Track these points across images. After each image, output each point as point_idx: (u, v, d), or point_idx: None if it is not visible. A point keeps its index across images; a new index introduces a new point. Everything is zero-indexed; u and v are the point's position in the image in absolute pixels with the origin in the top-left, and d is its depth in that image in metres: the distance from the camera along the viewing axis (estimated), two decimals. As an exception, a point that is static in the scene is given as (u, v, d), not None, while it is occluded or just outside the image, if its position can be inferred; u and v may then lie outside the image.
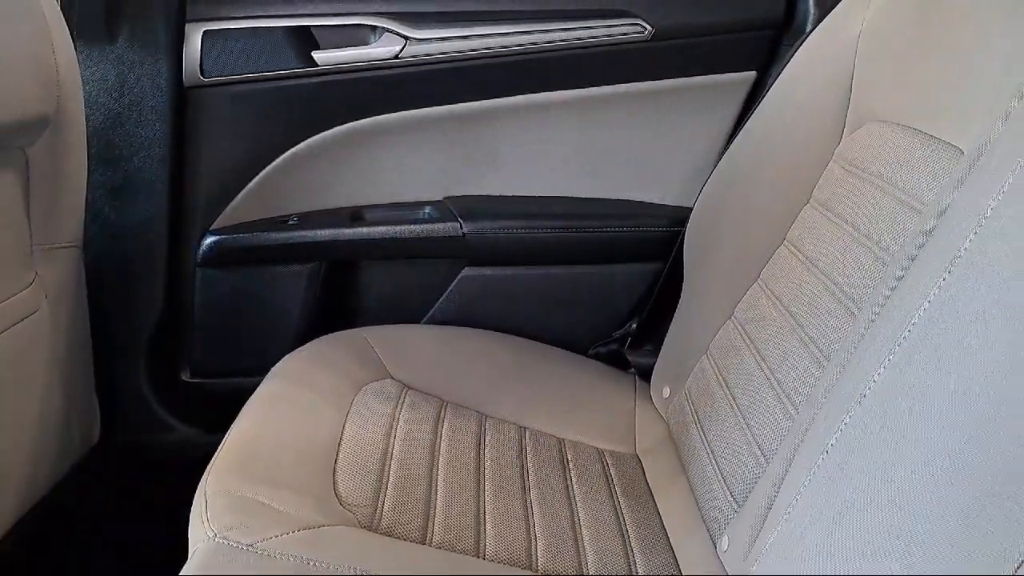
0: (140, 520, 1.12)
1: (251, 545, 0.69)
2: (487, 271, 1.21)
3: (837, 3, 1.02)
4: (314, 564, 0.68)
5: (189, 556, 0.70)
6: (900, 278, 0.64)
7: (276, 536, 0.71)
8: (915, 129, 0.80)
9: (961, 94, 0.74)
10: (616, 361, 1.23)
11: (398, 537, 0.78)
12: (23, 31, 0.86)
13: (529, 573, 0.78)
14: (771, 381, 0.83)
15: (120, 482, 1.18)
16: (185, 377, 1.24)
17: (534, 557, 0.80)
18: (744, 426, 0.85)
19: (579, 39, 1.12)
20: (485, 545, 0.80)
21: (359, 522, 0.78)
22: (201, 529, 0.71)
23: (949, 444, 0.51)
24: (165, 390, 1.22)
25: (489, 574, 0.75)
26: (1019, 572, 0.46)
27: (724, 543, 0.79)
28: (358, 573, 0.68)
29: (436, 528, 0.80)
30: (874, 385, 0.60)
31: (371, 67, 1.12)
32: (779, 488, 0.69)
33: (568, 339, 1.23)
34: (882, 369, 0.60)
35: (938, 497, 0.50)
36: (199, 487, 0.77)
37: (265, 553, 0.69)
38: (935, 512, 0.50)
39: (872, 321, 0.65)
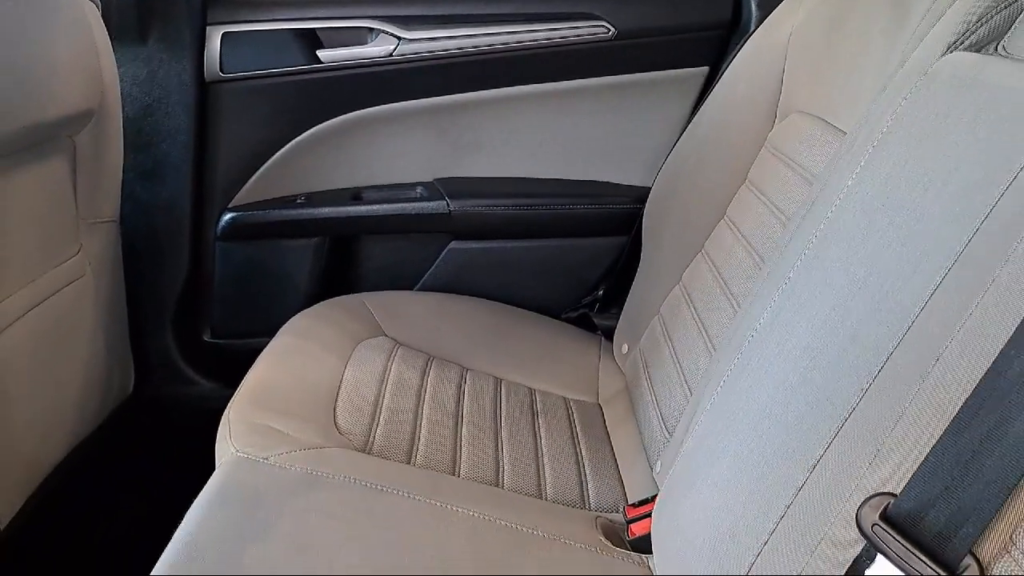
0: (166, 459, 1.28)
1: (266, 459, 0.85)
2: (471, 244, 1.37)
3: (777, 6, 1.16)
4: (316, 474, 0.84)
5: (216, 468, 0.86)
6: (789, 240, 0.79)
7: (285, 452, 0.87)
8: (821, 119, 0.95)
9: (851, 88, 0.89)
10: (585, 324, 1.39)
11: (387, 459, 0.94)
12: (73, 39, 1.02)
13: (496, 488, 0.94)
14: (700, 330, 0.99)
15: (149, 427, 1.35)
16: (206, 337, 1.40)
17: (501, 477, 0.96)
18: (678, 369, 1.00)
19: (551, 39, 1.27)
20: (460, 466, 0.96)
21: (354, 446, 0.94)
22: (225, 447, 0.88)
23: (795, 368, 0.66)
24: (189, 349, 1.38)
25: (462, 488, 0.91)
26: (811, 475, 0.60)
27: (657, 467, 0.95)
28: (351, 482, 0.84)
29: (419, 453, 0.96)
30: (758, 327, 0.75)
31: (369, 64, 1.27)
32: (694, 416, 0.84)
33: (543, 304, 1.39)
34: (766, 313, 0.75)
35: (778, 408, 0.65)
36: (223, 416, 0.93)
37: (277, 465, 0.85)
38: (777, 418, 0.65)
39: (767, 275, 0.80)
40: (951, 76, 0.65)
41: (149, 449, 1.34)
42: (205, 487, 0.82)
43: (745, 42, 1.19)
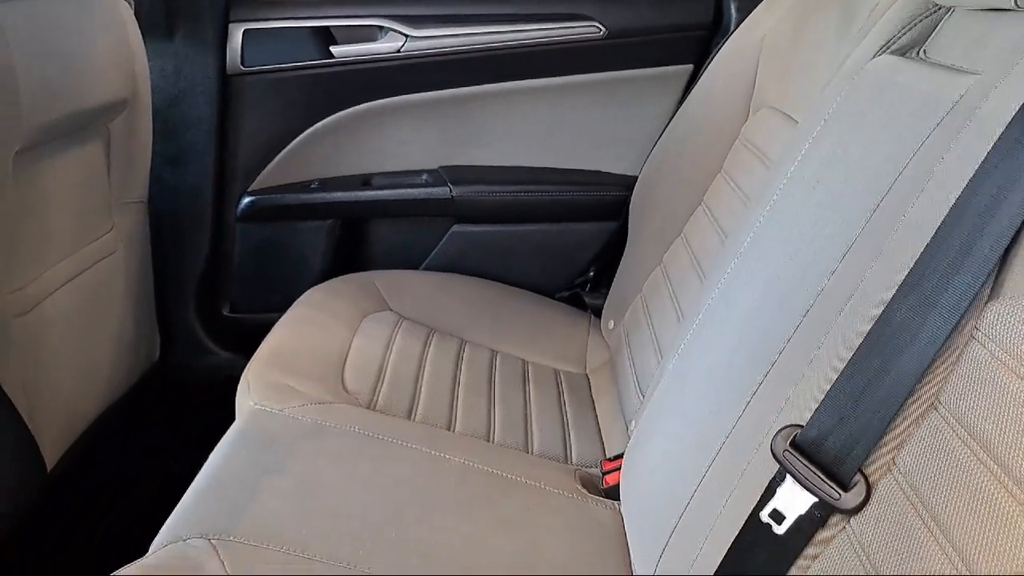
0: (188, 420, 1.39)
1: (280, 410, 0.96)
2: (472, 227, 1.48)
3: (754, 8, 1.25)
4: (324, 424, 0.95)
5: (236, 419, 0.97)
6: (745, 219, 0.89)
7: (298, 406, 0.98)
8: (784, 112, 1.04)
9: (807, 84, 0.98)
10: (576, 302, 1.49)
11: (389, 415, 1.04)
12: (109, 36, 1.13)
13: (487, 442, 1.04)
14: (674, 305, 1.09)
15: (173, 392, 1.46)
16: (225, 311, 1.51)
17: (492, 433, 1.07)
18: (654, 340, 1.10)
19: (547, 38, 1.37)
20: (455, 423, 1.06)
21: (360, 404, 1.05)
22: (245, 400, 0.99)
23: (736, 331, 0.76)
24: (209, 322, 1.50)
25: (457, 440, 1.02)
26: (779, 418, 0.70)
27: (631, 427, 1.05)
28: (356, 431, 0.95)
29: (418, 410, 1.07)
30: (714, 296, 0.86)
31: (378, 59, 1.38)
32: (660, 379, 0.95)
33: (537, 284, 1.49)
34: (720, 284, 0.86)
35: (722, 366, 0.75)
36: (243, 375, 1.04)
37: (290, 416, 0.96)
38: (720, 374, 0.75)
39: (726, 251, 0.90)
40: (874, 77, 0.75)
41: (172, 411, 1.45)
42: (227, 433, 0.93)
43: (725, 42, 1.28)
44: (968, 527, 0.47)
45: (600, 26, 1.37)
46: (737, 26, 1.29)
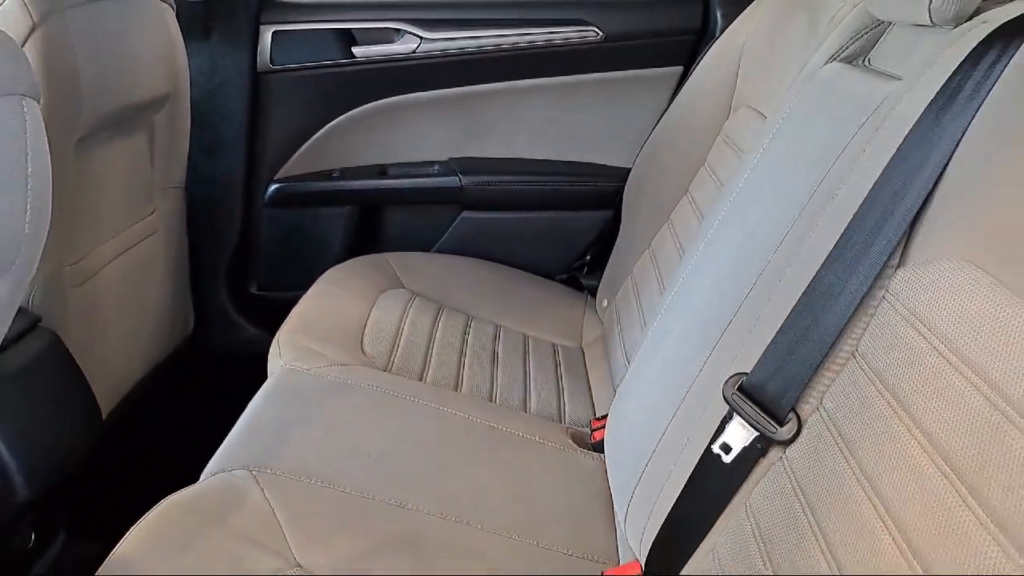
0: (218, 387, 1.51)
1: (307, 369, 1.09)
2: (479, 214, 1.60)
3: (737, 16, 1.37)
4: (346, 382, 1.08)
5: (268, 377, 1.11)
6: (718, 203, 1.01)
7: (323, 366, 1.11)
8: (757, 110, 1.16)
9: (777, 85, 1.10)
10: (574, 284, 1.62)
11: (402, 376, 1.17)
12: (155, 37, 1.26)
13: (490, 402, 1.17)
14: (659, 282, 1.21)
15: (205, 362, 1.59)
16: (253, 290, 1.65)
17: (494, 395, 1.19)
18: (640, 314, 1.23)
19: (549, 41, 1.50)
20: (462, 385, 1.19)
21: (377, 366, 1.17)
22: (276, 361, 1.12)
23: (702, 300, 0.89)
24: (239, 299, 1.63)
25: (463, 399, 1.15)
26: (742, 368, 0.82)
27: (619, 391, 1.18)
28: (373, 388, 1.08)
29: (429, 373, 1.20)
30: (687, 271, 0.98)
31: (395, 59, 1.51)
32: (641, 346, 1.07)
33: (539, 267, 1.62)
34: (692, 261, 0.98)
35: (689, 331, 0.88)
36: (274, 340, 1.17)
37: (316, 374, 1.09)
38: (687, 337, 0.88)
39: (700, 232, 1.03)
40: (823, 81, 0.87)
41: (205, 379, 1.58)
42: (261, 388, 1.06)
43: (711, 46, 1.40)
44: (877, 458, 0.58)
45: (598, 30, 1.50)
46: (722, 31, 1.41)
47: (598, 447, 1.10)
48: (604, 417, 1.14)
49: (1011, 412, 0.49)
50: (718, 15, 1.45)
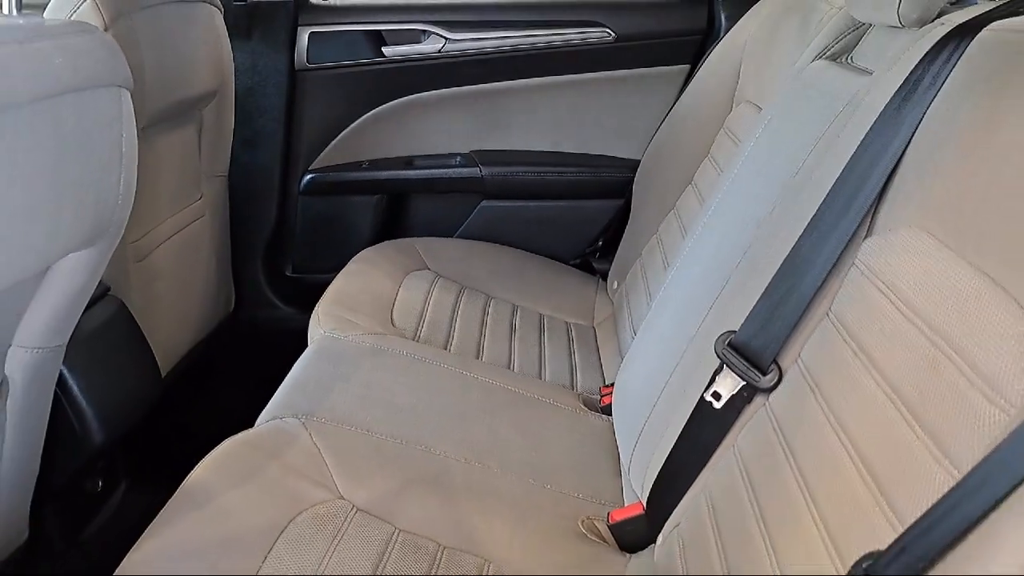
0: (255, 361, 1.63)
1: (345, 336, 1.21)
2: (498, 203, 1.72)
3: (740, 18, 1.48)
4: (379, 348, 1.20)
5: (309, 344, 1.22)
6: (716, 187, 1.12)
7: (358, 334, 1.23)
8: (755, 104, 1.27)
9: (772, 81, 1.21)
10: (587, 268, 1.73)
11: (429, 345, 1.29)
12: (206, 38, 1.38)
13: (508, 370, 1.28)
14: (662, 257, 1.32)
15: (244, 338, 1.72)
16: (288, 272, 1.77)
17: (512, 363, 1.31)
18: (647, 292, 1.34)
19: (565, 41, 1.61)
20: (483, 354, 1.30)
21: (406, 336, 1.29)
22: (316, 329, 1.24)
23: (699, 272, 1.00)
24: (274, 281, 1.75)
25: (484, 367, 1.26)
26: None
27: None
28: (403, 354, 1.20)
29: (453, 343, 1.31)
30: (688, 247, 1.09)
31: (421, 59, 1.63)
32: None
33: (554, 252, 1.73)
34: (693, 237, 1.09)
35: (687, 299, 0.99)
36: (314, 312, 1.29)
37: (352, 342, 1.21)
38: (686, 305, 0.98)
39: (701, 212, 1.14)
40: (809, 77, 0.98)
41: (243, 353, 1.70)
42: (304, 354, 1.18)
43: (716, 46, 1.51)
44: (842, 397, 0.68)
45: (610, 31, 1.61)
46: (726, 32, 1.52)
47: (606, 410, 1.21)
48: (613, 385, 1.25)
49: (948, 350, 0.59)
50: (722, 17, 1.56)
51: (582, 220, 1.73)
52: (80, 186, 0.71)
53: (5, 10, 0.69)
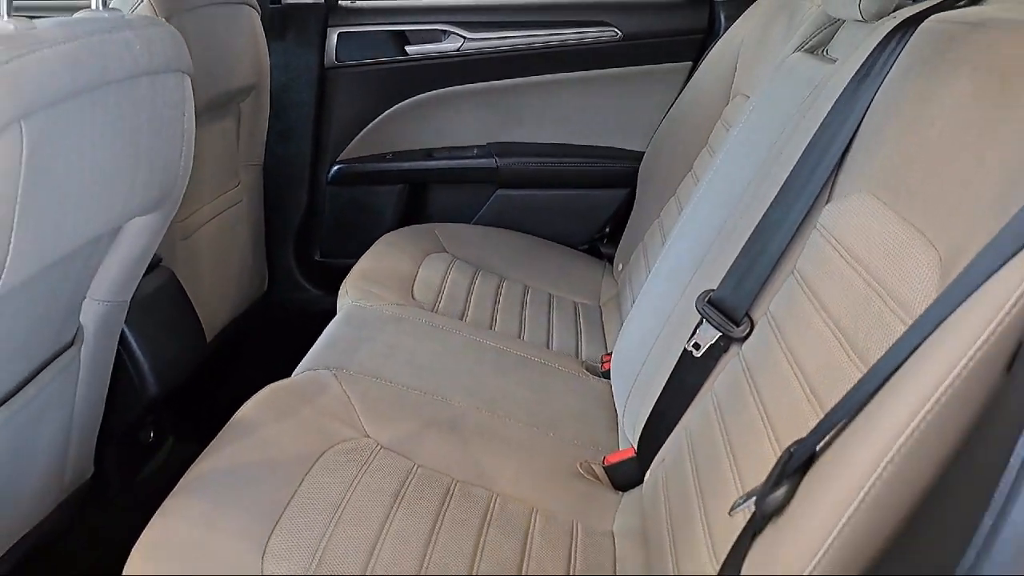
0: (285, 338, 1.75)
1: (370, 306, 1.34)
2: (512, 192, 1.84)
3: (738, 18, 1.59)
4: (401, 317, 1.32)
5: (337, 312, 1.35)
6: (707, 168, 1.23)
7: (382, 304, 1.35)
8: (746, 95, 1.38)
9: (761, 74, 1.32)
10: (594, 253, 1.84)
11: (446, 316, 1.41)
12: (246, 37, 1.52)
13: (518, 339, 1.40)
14: (662, 234, 1.43)
15: (275, 317, 1.85)
16: (316, 257, 1.90)
17: (523, 333, 1.43)
18: (645, 264, 1.45)
19: (575, 39, 1.74)
20: (496, 325, 1.42)
21: (425, 308, 1.41)
22: (345, 300, 1.37)
23: (686, 244, 1.11)
24: (304, 264, 1.88)
25: (496, 337, 1.38)
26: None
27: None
28: (423, 322, 1.32)
29: (468, 315, 1.43)
30: (681, 220, 1.20)
31: (442, 57, 1.76)
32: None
33: (564, 237, 1.84)
34: (686, 211, 1.20)
35: (677, 268, 1.10)
36: (342, 286, 1.42)
37: (377, 310, 1.33)
38: (675, 273, 1.10)
39: (694, 189, 1.25)
40: (787, 68, 1.09)
41: (274, 330, 1.83)
42: (331, 322, 1.30)
43: (715, 44, 1.62)
44: (799, 339, 0.78)
45: (617, 30, 1.73)
46: (725, 31, 1.63)
47: (606, 375, 1.32)
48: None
49: (878, 287, 0.70)
50: (722, 16, 1.67)
51: (590, 208, 1.84)
52: (152, 156, 0.84)
53: (93, 5, 0.82)
